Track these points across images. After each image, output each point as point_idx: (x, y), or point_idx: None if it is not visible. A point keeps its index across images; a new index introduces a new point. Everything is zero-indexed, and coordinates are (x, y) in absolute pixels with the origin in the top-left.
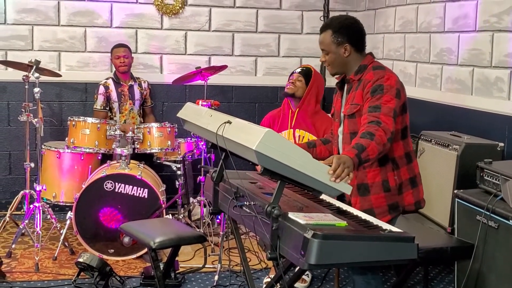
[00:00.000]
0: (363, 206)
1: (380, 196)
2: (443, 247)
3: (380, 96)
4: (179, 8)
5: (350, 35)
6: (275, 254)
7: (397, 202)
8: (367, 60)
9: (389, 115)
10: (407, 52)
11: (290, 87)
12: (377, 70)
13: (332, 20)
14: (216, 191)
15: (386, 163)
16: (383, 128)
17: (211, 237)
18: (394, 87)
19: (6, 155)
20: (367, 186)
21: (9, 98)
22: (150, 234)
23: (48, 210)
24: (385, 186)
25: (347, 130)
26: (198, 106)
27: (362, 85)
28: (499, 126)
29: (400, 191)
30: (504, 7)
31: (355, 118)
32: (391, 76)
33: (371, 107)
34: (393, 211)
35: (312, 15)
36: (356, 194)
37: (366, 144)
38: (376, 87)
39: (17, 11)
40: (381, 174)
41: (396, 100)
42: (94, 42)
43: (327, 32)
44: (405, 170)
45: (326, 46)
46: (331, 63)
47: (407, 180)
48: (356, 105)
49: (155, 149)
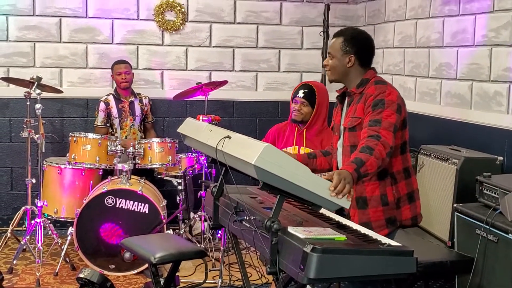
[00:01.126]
0: (361, 219)
1: (378, 210)
2: (443, 261)
3: (381, 111)
4: (180, 25)
5: (359, 48)
6: (274, 268)
7: (395, 216)
8: (369, 74)
9: (389, 130)
10: (407, 66)
11: (296, 114)
12: (379, 84)
13: (348, 29)
14: (216, 206)
15: (385, 177)
16: (382, 142)
17: (212, 252)
18: (395, 102)
19: (8, 171)
20: (365, 199)
21: (11, 114)
22: (151, 249)
23: (49, 225)
24: (383, 200)
25: (347, 143)
26: (198, 121)
27: (364, 99)
28: (498, 140)
29: (398, 205)
30: (502, 21)
31: (356, 131)
32: (392, 91)
33: (372, 121)
34: (390, 225)
35: (312, 31)
36: (354, 207)
37: (365, 158)
38: (378, 102)
39: (19, 28)
40: (380, 188)
41: (396, 115)
42: (95, 59)
43: (339, 38)
44: (404, 185)
45: (333, 50)
46: (332, 69)
47: (405, 195)
48: (357, 118)
49: (156, 164)
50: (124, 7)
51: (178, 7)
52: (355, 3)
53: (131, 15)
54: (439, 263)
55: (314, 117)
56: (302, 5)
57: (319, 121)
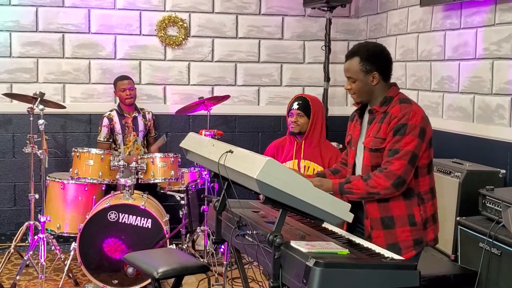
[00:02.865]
0: (387, 240)
1: (405, 229)
2: (446, 275)
3: (400, 138)
4: (182, 40)
5: (379, 63)
6: (277, 283)
7: (422, 237)
8: (393, 92)
9: (403, 159)
10: (409, 80)
11: (294, 126)
12: (403, 104)
13: (360, 47)
14: (219, 220)
15: (412, 197)
16: (385, 174)
17: (215, 267)
18: (419, 126)
19: (11, 186)
20: (392, 218)
21: (14, 130)
22: (154, 264)
23: (52, 241)
24: (410, 220)
25: (367, 163)
26: (200, 136)
27: (388, 119)
28: (501, 152)
29: (425, 226)
30: (503, 34)
31: (380, 153)
32: (417, 113)
33: (390, 151)
34: (417, 246)
35: (314, 45)
36: (379, 227)
37: (354, 179)
38: (400, 126)
39: (22, 44)
40: (407, 207)
41: (418, 140)
42: (98, 74)
43: (354, 59)
44: (430, 205)
45: (353, 73)
46: (357, 91)
47: (431, 215)
48: (382, 140)
49: (158, 179)
50: (127, 22)
51: (180, 22)
52: (356, 17)
53: (134, 30)
54: (443, 276)
55: (311, 127)
56: (303, 20)
57: (316, 132)
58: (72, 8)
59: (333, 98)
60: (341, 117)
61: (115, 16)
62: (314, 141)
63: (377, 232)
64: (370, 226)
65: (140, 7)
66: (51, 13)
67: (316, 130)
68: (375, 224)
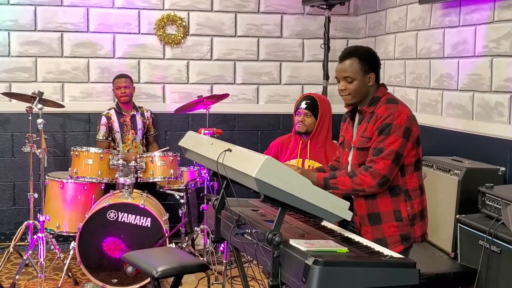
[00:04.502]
0: (375, 236)
1: (392, 225)
2: (446, 273)
3: (384, 138)
4: (181, 38)
5: (375, 64)
6: (276, 281)
7: (409, 233)
8: (381, 92)
9: (387, 159)
10: (408, 78)
11: (300, 126)
12: (389, 104)
13: (356, 49)
14: (218, 219)
15: (398, 194)
16: (370, 172)
17: (214, 266)
18: (403, 126)
19: (10, 186)
20: (378, 214)
21: (13, 129)
22: (153, 263)
23: (51, 240)
24: (396, 215)
25: (355, 161)
26: (199, 135)
27: (374, 119)
28: (500, 150)
29: (412, 222)
30: (503, 32)
31: (366, 151)
32: (402, 113)
33: (375, 150)
34: (405, 242)
35: (313, 43)
36: (366, 224)
37: (340, 175)
38: (385, 126)
39: (20, 43)
40: (393, 204)
41: (402, 140)
42: (97, 73)
43: (352, 59)
44: (418, 202)
45: (352, 73)
46: (353, 92)
47: (418, 212)
48: (368, 139)
49: (158, 178)
50: (126, 21)
51: (179, 21)
52: (355, 15)
53: (132, 29)
54: (442, 274)
55: (318, 128)
56: (302, 18)
57: (322, 132)
58: (70, 7)
59: (332, 96)
60: (340, 115)
61: (113, 15)
62: (320, 142)
63: (365, 229)
64: (359, 223)
65: (139, 5)
66: (49, 12)
67: (322, 131)
68: (363, 220)
